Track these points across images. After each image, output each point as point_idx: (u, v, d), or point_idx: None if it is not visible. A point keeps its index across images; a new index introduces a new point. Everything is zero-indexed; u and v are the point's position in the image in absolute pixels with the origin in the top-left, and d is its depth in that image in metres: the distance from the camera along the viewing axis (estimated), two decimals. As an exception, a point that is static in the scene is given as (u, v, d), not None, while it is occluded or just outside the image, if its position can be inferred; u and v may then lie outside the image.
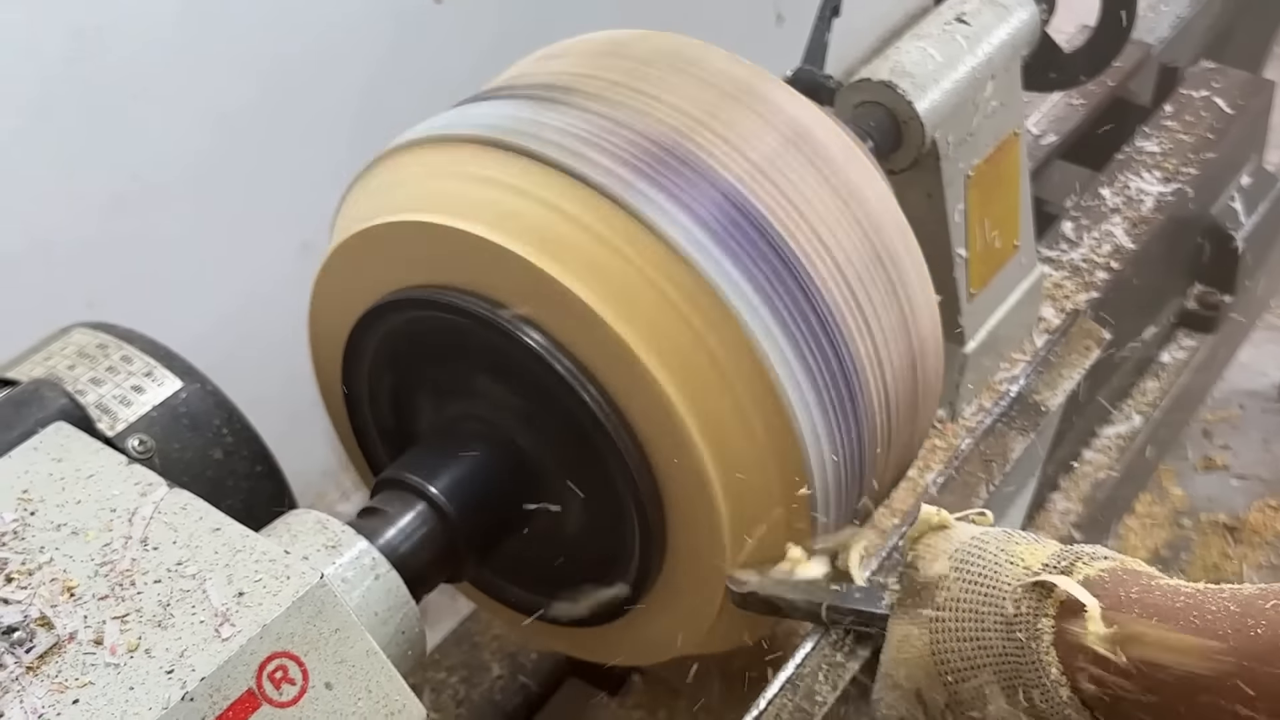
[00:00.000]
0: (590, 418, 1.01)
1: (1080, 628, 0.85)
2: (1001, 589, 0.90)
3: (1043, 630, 0.87)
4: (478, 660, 1.45)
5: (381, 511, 1.03)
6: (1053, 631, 0.86)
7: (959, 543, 0.96)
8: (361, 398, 1.18)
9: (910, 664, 0.95)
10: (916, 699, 0.95)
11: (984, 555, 0.93)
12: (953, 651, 0.92)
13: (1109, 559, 0.89)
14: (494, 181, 1.03)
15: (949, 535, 0.98)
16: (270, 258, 2.00)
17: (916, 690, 0.95)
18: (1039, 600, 0.88)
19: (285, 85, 1.97)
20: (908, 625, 0.95)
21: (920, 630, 0.94)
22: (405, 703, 0.83)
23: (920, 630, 0.94)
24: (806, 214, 1.05)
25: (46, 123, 1.72)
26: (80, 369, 0.99)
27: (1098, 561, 0.89)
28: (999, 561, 0.92)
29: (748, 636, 1.18)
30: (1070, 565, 0.89)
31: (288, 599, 0.79)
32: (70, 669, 0.74)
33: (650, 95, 1.07)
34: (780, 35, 2.77)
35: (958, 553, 0.95)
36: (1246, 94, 2.06)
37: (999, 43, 1.46)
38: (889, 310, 1.09)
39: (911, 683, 0.95)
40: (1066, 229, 1.84)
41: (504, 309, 1.01)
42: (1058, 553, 0.90)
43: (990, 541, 0.95)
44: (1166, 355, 2.03)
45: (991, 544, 0.94)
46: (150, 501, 0.83)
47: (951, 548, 0.96)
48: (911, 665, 0.95)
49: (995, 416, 1.27)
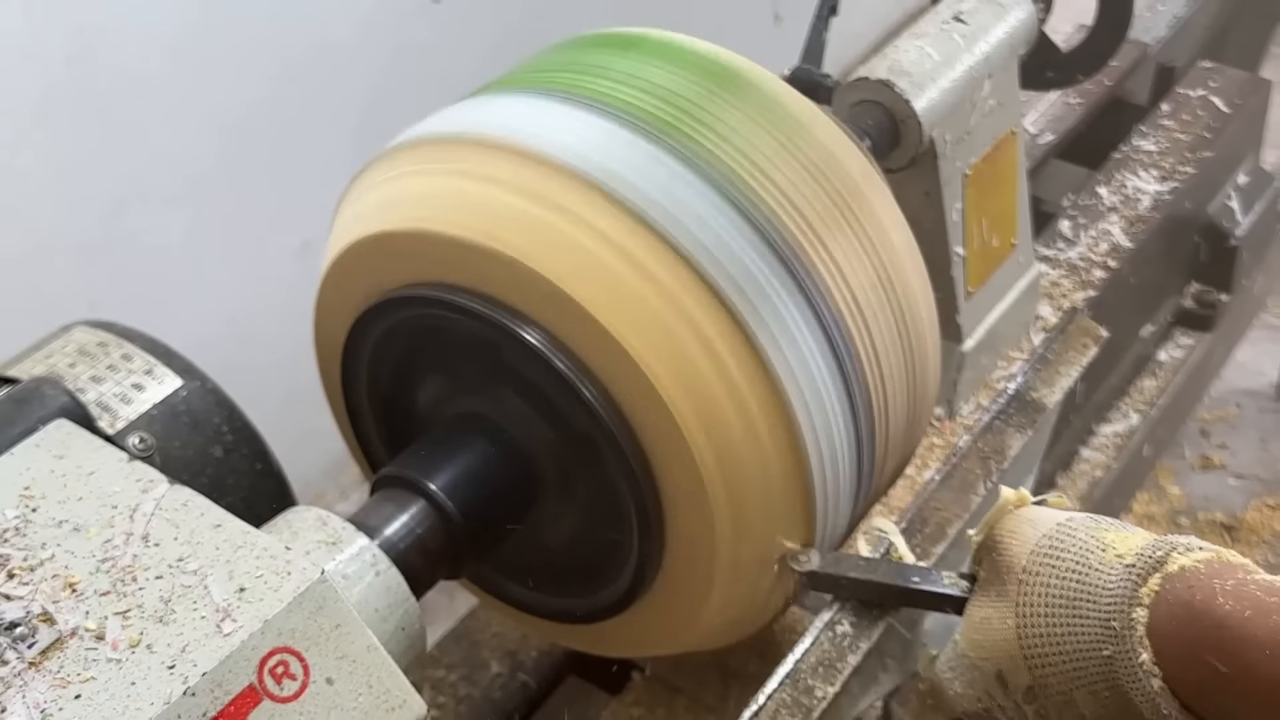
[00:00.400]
0: (589, 415, 1.01)
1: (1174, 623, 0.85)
2: (1094, 576, 0.91)
3: (1137, 620, 0.87)
4: (477, 658, 1.45)
5: (381, 508, 1.04)
6: (1146, 621, 0.87)
7: (1046, 527, 0.97)
8: (362, 395, 1.19)
9: (992, 646, 0.96)
10: (997, 680, 0.96)
11: (1074, 541, 0.94)
12: (1041, 636, 0.92)
13: (1204, 549, 0.89)
14: (494, 180, 1.03)
15: (1033, 519, 0.98)
16: (271, 258, 2.00)
17: (997, 672, 0.95)
18: (1133, 589, 0.88)
19: (285, 86, 1.98)
20: (989, 607, 0.96)
21: (1004, 613, 0.95)
22: (406, 698, 0.83)
23: (1004, 613, 0.95)
24: (804, 211, 1.05)
25: (48, 125, 1.72)
26: (81, 367, 0.99)
27: (1193, 552, 0.88)
28: (1090, 548, 0.93)
29: (745, 633, 1.19)
30: (1166, 555, 0.89)
31: (289, 595, 0.79)
32: (72, 664, 0.75)
33: (642, 90, 1.08)
34: (779, 35, 2.78)
35: (1045, 538, 0.96)
36: (1243, 93, 2.07)
37: (996, 42, 1.47)
38: (886, 308, 1.10)
39: (992, 664, 0.96)
40: (1064, 228, 1.85)
41: (502, 307, 1.02)
42: (1153, 542, 0.90)
43: (1080, 528, 0.95)
44: (1164, 354, 2.03)
45: (1081, 530, 0.95)
46: (151, 498, 0.84)
47: (1037, 532, 0.97)
48: (993, 647, 0.95)
49: (993, 414, 1.27)
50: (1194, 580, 0.86)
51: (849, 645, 1.06)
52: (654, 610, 1.13)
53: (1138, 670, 0.86)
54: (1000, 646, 0.95)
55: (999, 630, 0.95)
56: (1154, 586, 0.87)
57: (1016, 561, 0.96)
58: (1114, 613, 0.88)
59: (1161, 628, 0.86)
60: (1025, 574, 0.95)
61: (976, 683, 0.98)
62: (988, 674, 0.96)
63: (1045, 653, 0.92)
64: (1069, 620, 0.91)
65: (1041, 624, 0.92)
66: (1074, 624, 0.90)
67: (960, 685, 0.99)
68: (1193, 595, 0.85)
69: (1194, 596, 0.85)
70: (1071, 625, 0.91)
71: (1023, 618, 0.94)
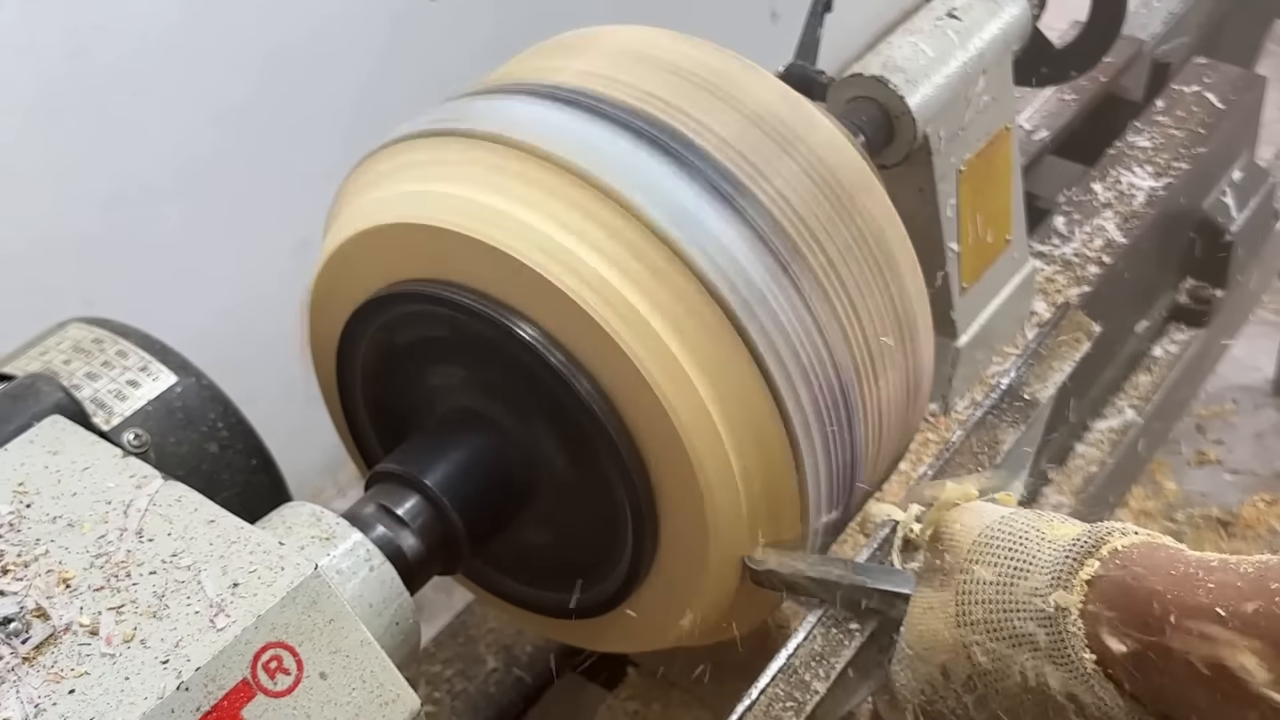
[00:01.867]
0: (583, 411, 1.01)
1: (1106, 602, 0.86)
2: (1031, 563, 0.91)
3: (1070, 603, 0.87)
4: (473, 653, 1.46)
5: (376, 504, 1.04)
6: (1080, 604, 0.87)
7: (988, 519, 0.97)
8: (356, 391, 1.19)
9: (933, 637, 0.96)
10: (940, 671, 0.96)
11: (1014, 531, 0.94)
12: (980, 623, 0.93)
13: (1138, 534, 0.90)
14: (489, 176, 1.04)
15: (976, 512, 0.99)
16: (267, 254, 2.00)
17: (941, 664, 0.96)
18: (1068, 573, 0.88)
19: (282, 82, 1.98)
20: (932, 599, 0.96)
21: (946, 602, 0.95)
22: (399, 693, 0.84)
23: (946, 602, 0.95)
24: (797, 207, 1.06)
25: (44, 121, 1.72)
26: (76, 363, 0.99)
27: (1127, 536, 0.89)
28: (1029, 537, 0.93)
29: (740, 628, 1.19)
30: (1100, 540, 0.89)
31: (282, 590, 0.80)
32: (66, 659, 0.75)
33: (630, 86, 1.08)
34: (776, 32, 2.78)
35: (987, 529, 0.96)
36: (1238, 89, 2.07)
37: (990, 38, 1.47)
38: (881, 304, 1.10)
39: (934, 655, 0.96)
40: (1058, 223, 1.85)
41: (496, 302, 1.02)
42: (1088, 529, 0.91)
43: (1019, 519, 0.96)
44: (1159, 349, 2.04)
45: (1020, 521, 0.95)
46: (145, 494, 0.84)
47: (980, 524, 0.97)
48: (934, 638, 0.96)
49: (986, 409, 1.27)
50: (1127, 560, 0.87)
51: (843, 639, 1.06)
52: (648, 605, 1.13)
53: (1071, 653, 0.87)
54: (941, 637, 0.95)
55: (941, 621, 0.96)
56: (1089, 570, 0.88)
57: (959, 553, 0.96)
58: (1048, 597, 0.89)
59: (1096, 610, 0.87)
60: (965, 563, 0.95)
61: (921, 675, 0.98)
62: (931, 666, 0.97)
63: (983, 639, 0.92)
64: (1005, 607, 0.91)
65: (979, 612, 0.93)
66: (1010, 611, 0.91)
67: (905, 678, 0.99)
68: (1126, 575, 0.86)
69: (1127, 576, 0.86)
70: (1008, 612, 0.91)
71: (961, 606, 0.94)
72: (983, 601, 0.93)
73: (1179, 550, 0.87)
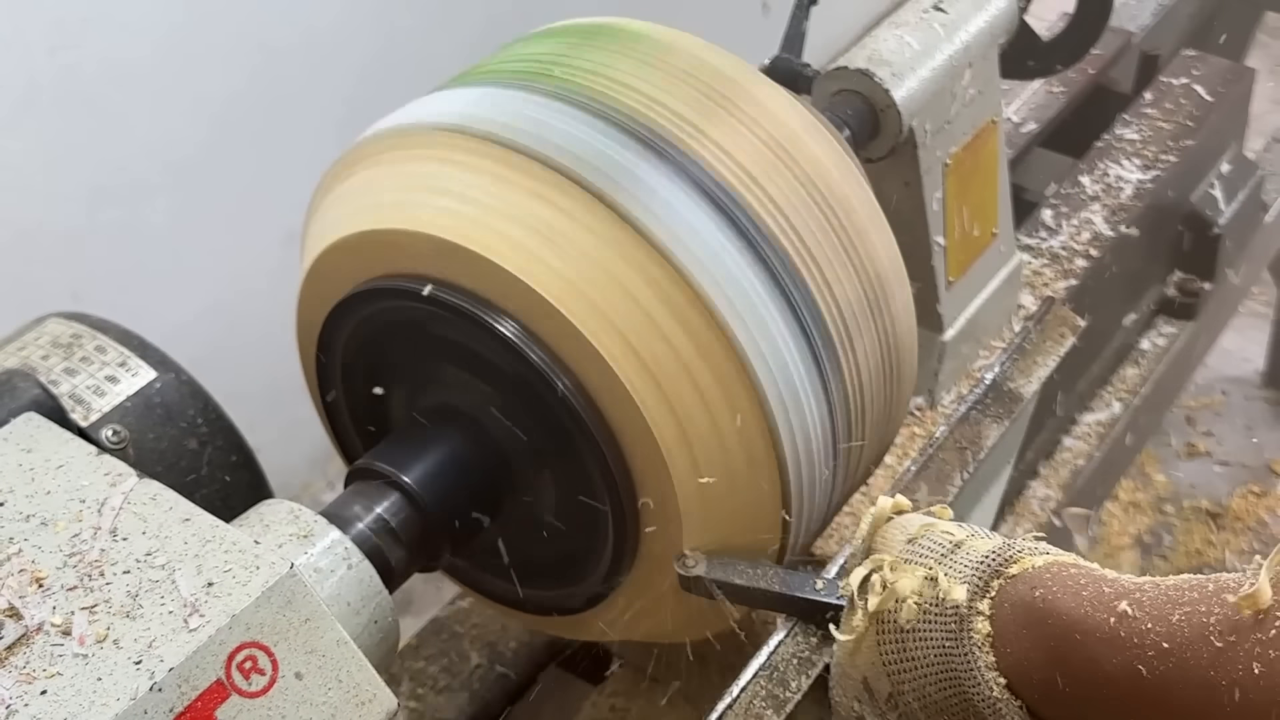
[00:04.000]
0: (563, 407, 1.01)
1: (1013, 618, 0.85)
2: (944, 576, 0.90)
3: (977, 624, 0.86)
4: (457, 649, 1.45)
5: (355, 501, 1.03)
6: (988, 625, 0.86)
7: (911, 531, 0.96)
8: (338, 388, 1.19)
9: (857, 653, 0.95)
10: (864, 687, 0.95)
11: (930, 545, 0.94)
12: (893, 641, 0.92)
13: (1049, 554, 0.89)
14: (467, 175, 1.03)
15: (904, 525, 0.98)
16: (255, 248, 2.00)
17: (863, 679, 0.95)
18: (977, 592, 0.88)
19: (270, 75, 1.97)
20: (856, 614, 0.95)
21: (868, 619, 0.94)
22: (376, 692, 0.83)
23: (868, 619, 0.94)
24: (775, 198, 1.05)
25: (30, 114, 1.72)
26: (54, 359, 0.99)
27: (1038, 556, 0.88)
28: (943, 552, 0.92)
29: (721, 624, 1.19)
30: (1009, 558, 0.88)
31: (257, 589, 0.79)
32: (38, 660, 0.75)
33: (618, 82, 1.08)
34: (767, 25, 2.77)
35: (907, 544, 0.95)
36: (1226, 81, 2.07)
37: (976, 30, 1.47)
38: (861, 297, 1.09)
39: (859, 672, 0.95)
40: (1046, 216, 1.85)
41: (475, 299, 1.01)
42: (1000, 546, 0.90)
43: (938, 531, 0.95)
44: (1146, 342, 2.04)
45: (939, 536, 0.94)
46: (120, 492, 0.84)
47: (903, 536, 0.96)
48: (858, 655, 0.95)
49: (970, 404, 1.27)
50: (1036, 580, 0.86)
51: (824, 637, 1.06)
52: (629, 600, 1.13)
53: (978, 675, 0.86)
54: (864, 654, 0.94)
55: (864, 637, 0.94)
56: (997, 588, 0.87)
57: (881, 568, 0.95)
58: (956, 617, 0.88)
59: (1005, 629, 0.86)
60: (885, 577, 0.94)
61: (849, 691, 0.97)
62: (856, 682, 0.96)
63: (896, 656, 0.92)
64: (916, 623, 0.90)
65: (892, 627, 0.92)
66: (923, 628, 0.90)
67: (838, 694, 0.99)
68: (1035, 595, 0.85)
69: (1036, 595, 0.84)
70: (920, 630, 0.90)
71: (878, 622, 0.93)
72: (894, 619, 0.92)
73: (1091, 569, 0.86)
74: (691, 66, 1.10)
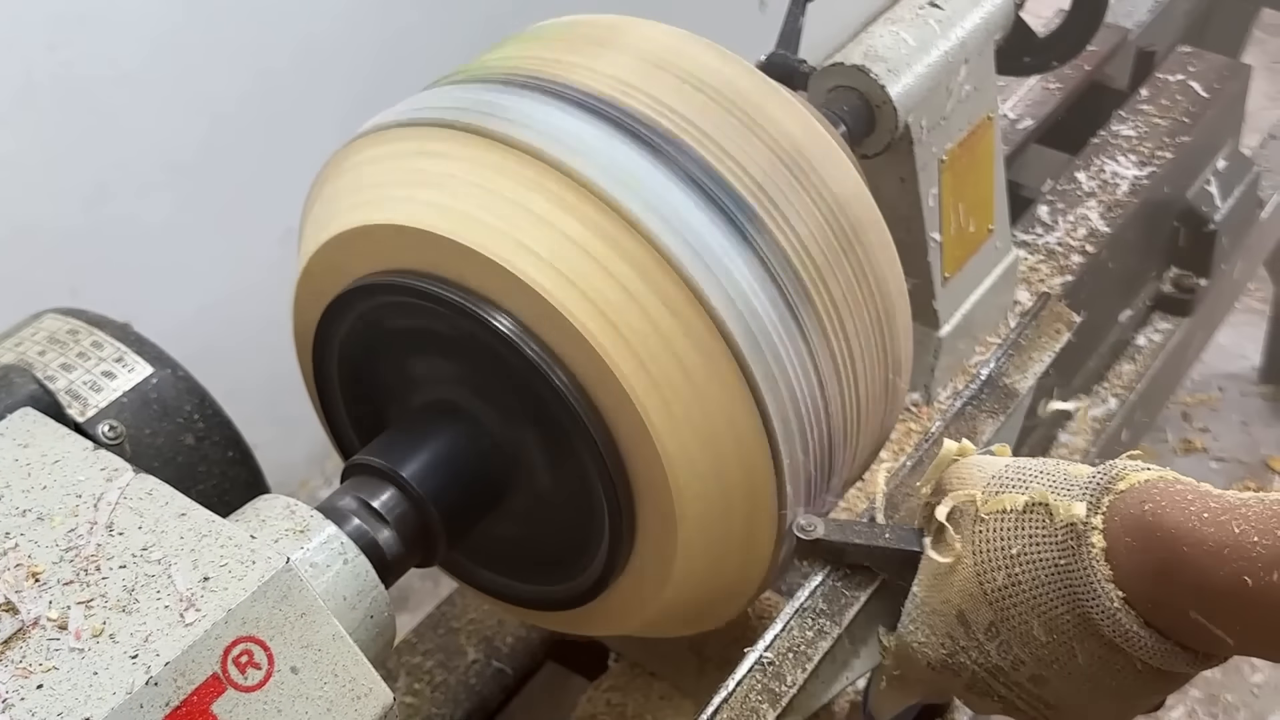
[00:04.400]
0: (559, 402, 1.01)
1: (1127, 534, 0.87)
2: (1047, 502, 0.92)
3: (1093, 538, 0.88)
4: (454, 644, 1.46)
5: (351, 496, 1.03)
6: (1102, 538, 0.88)
7: (995, 469, 0.98)
8: (334, 383, 1.19)
9: (949, 588, 0.97)
10: (959, 621, 0.97)
11: (1026, 473, 0.96)
12: (1000, 568, 0.93)
13: (1152, 469, 0.91)
14: (463, 170, 1.03)
15: (979, 464, 1.00)
16: (253, 245, 2.00)
17: (958, 613, 0.97)
18: (1086, 509, 0.89)
19: (269, 73, 1.98)
20: (944, 550, 0.98)
21: (960, 553, 0.96)
22: (372, 687, 0.83)
23: (960, 553, 0.96)
24: (770, 193, 1.05)
25: (29, 111, 1.72)
26: (51, 355, 0.99)
27: (1142, 472, 0.90)
28: (1041, 478, 0.94)
29: (718, 618, 1.19)
30: (1117, 475, 0.90)
31: (253, 583, 0.79)
32: (34, 654, 0.75)
33: (607, 76, 1.08)
34: (764, 21, 2.77)
35: (995, 477, 0.97)
36: (1223, 78, 2.07)
37: (972, 27, 1.47)
38: (856, 293, 1.09)
39: (952, 606, 0.97)
40: (1042, 213, 1.85)
41: (472, 294, 1.02)
42: (1103, 466, 0.92)
43: (1030, 463, 0.97)
44: (1142, 338, 2.04)
45: (1032, 464, 0.97)
46: (116, 487, 0.84)
47: (986, 474, 0.98)
48: (951, 589, 0.97)
49: (965, 399, 1.27)
50: (1145, 495, 0.87)
51: (820, 631, 1.06)
52: (624, 594, 1.13)
53: (1097, 588, 0.87)
54: (959, 586, 0.96)
55: (957, 570, 0.97)
56: (1107, 504, 0.89)
57: (969, 501, 0.97)
58: (1069, 534, 0.89)
59: (1116, 543, 0.87)
60: (979, 510, 0.96)
61: (939, 628, 0.99)
62: (949, 618, 0.98)
63: (1004, 584, 0.93)
64: (1026, 547, 0.92)
65: (999, 555, 0.94)
66: (1031, 550, 0.92)
67: (923, 635, 1.00)
68: (1144, 509, 0.86)
69: (1145, 510, 0.86)
70: (1029, 552, 0.92)
71: (980, 552, 0.95)
72: (1001, 546, 0.94)
73: (1195, 485, 0.88)
74: (673, 59, 1.10)
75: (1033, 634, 0.93)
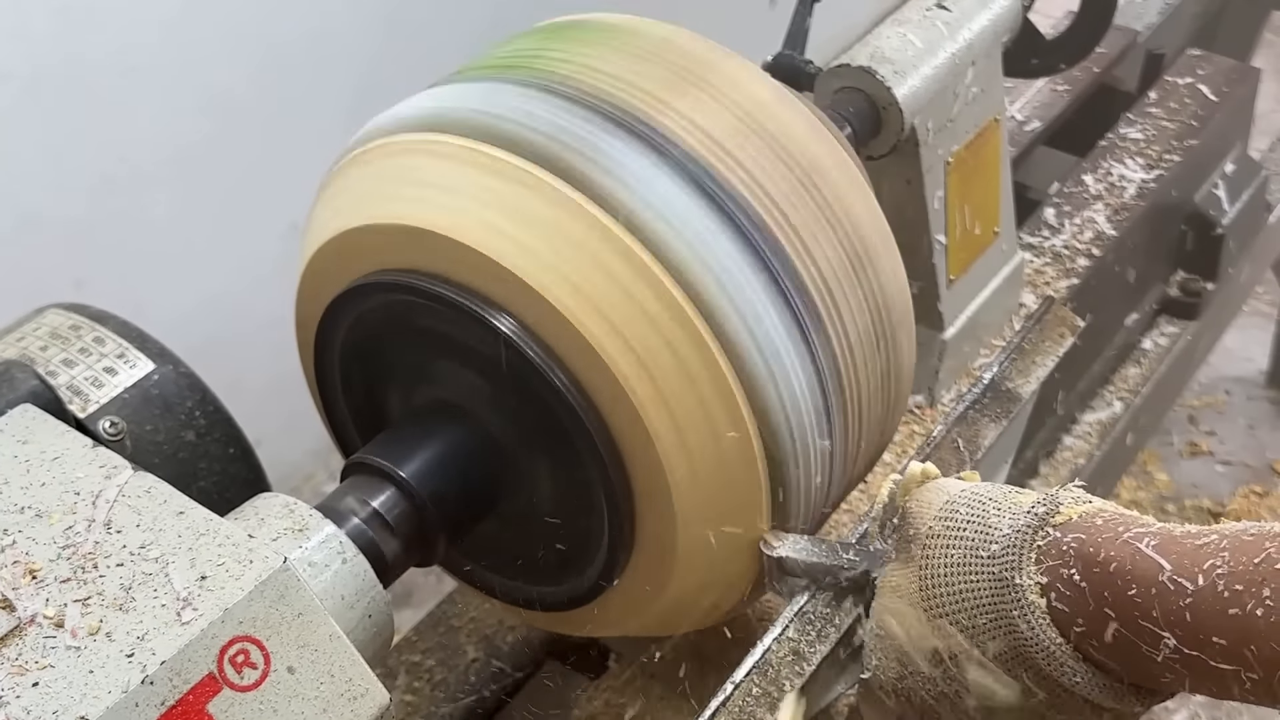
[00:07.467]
0: (560, 403, 1.01)
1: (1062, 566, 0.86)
2: (989, 533, 0.92)
3: (1028, 571, 0.88)
4: (453, 643, 1.45)
5: (350, 495, 1.03)
6: (1038, 572, 0.88)
7: (949, 494, 0.98)
8: (335, 382, 1.19)
9: (902, 614, 0.97)
10: (907, 645, 0.97)
11: (974, 501, 0.95)
12: (942, 596, 0.93)
13: (1092, 501, 0.91)
14: (464, 170, 1.03)
15: (937, 488, 1.00)
16: (258, 239, 2.00)
17: (906, 637, 0.96)
18: (1024, 541, 0.89)
19: (275, 65, 1.98)
20: (896, 576, 0.97)
21: (909, 579, 0.96)
22: (369, 687, 0.83)
23: (909, 579, 0.96)
24: (774, 195, 1.05)
25: (34, 102, 1.72)
26: (53, 350, 0.99)
27: (1080, 505, 0.90)
28: (987, 508, 0.94)
29: (718, 618, 1.19)
30: (1054, 508, 0.90)
31: (250, 583, 0.79)
32: (31, 651, 0.75)
33: (605, 73, 1.08)
34: (773, 19, 2.77)
35: (948, 503, 0.97)
36: (1231, 81, 2.07)
37: (980, 29, 1.46)
38: (857, 289, 1.09)
39: (903, 631, 0.97)
40: (1048, 215, 1.85)
41: (473, 294, 1.01)
42: (1043, 496, 0.92)
43: (981, 491, 0.97)
44: (1148, 342, 2.03)
45: (982, 493, 0.96)
46: (114, 484, 0.84)
47: (941, 499, 0.98)
48: (903, 615, 0.96)
49: (968, 403, 1.27)
50: (1082, 528, 0.87)
51: (819, 635, 1.06)
52: (624, 595, 1.13)
53: (1033, 621, 0.87)
54: (909, 613, 0.96)
55: (906, 596, 0.96)
56: (1044, 536, 0.89)
57: (921, 527, 0.97)
58: (1006, 566, 0.89)
59: (1054, 576, 0.87)
60: (928, 537, 0.96)
61: (889, 653, 0.98)
62: (897, 643, 0.98)
63: (947, 612, 0.93)
64: (966, 578, 0.92)
65: (941, 584, 0.93)
66: (971, 581, 0.92)
67: (877, 659, 1.00)
68: (1082, 542, 0.86)
69: (1083, 543, 0.86)
70: (968, 582, 0.92)
71: (924, 579, 0.95)
72: (944, 574, 0.93)
73: (1135, 517, 0.88)
74: (666, 49, 1.10)
75: (976, 664, 0.92)
